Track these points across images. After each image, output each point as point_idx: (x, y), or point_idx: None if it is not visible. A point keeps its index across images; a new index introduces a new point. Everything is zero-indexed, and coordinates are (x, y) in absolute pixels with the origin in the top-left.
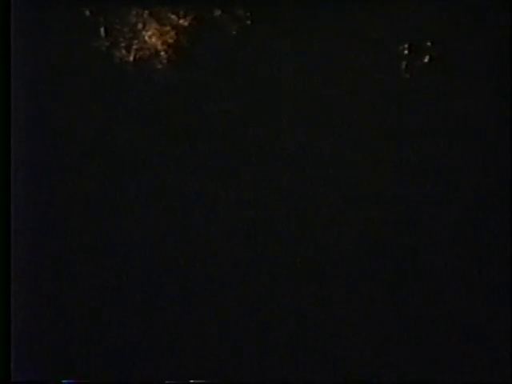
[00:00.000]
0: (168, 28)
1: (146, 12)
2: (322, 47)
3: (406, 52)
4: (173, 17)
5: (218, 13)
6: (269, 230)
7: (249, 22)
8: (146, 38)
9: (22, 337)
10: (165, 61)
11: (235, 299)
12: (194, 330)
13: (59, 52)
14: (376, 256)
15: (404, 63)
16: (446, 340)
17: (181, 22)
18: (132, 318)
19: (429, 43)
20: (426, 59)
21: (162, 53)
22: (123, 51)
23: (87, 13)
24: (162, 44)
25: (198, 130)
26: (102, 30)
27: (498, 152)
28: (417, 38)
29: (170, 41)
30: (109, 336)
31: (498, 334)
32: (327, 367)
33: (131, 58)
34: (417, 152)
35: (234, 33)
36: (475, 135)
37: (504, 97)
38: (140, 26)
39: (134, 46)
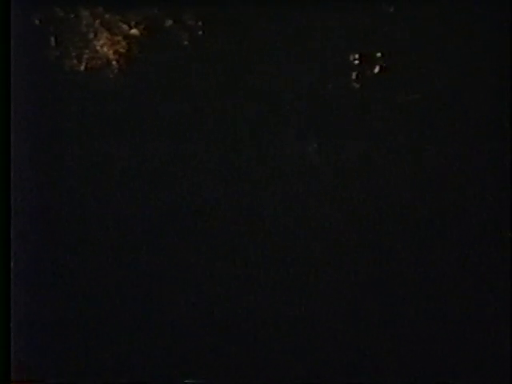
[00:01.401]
0: (119, 37)
1: (98, 21)
2: (272, 57)
3: (356, 62)
4: (124, 26)
5: (169, 23)
6: (253, 240)
7: (200, 33)
8: (98, 47)
9: (21, 337)
10: (116, 70)
11: (233, 300)
12: (194, 332)
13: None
14: (376, 257)
15: (354, 73)
16: (446, 340)
17: (132, 31)
18: (132, 318)
19: (379, 54)
20: (377, 69)
21: (114, 62)
22: (74, 60)
23: (37, 22)
24: (114, 53)
25: (150, 139)
26: (53, 39)
27: (451, 158)
28: (367, 48)
29: (122, 50)
30: (109, 337)
31: (498, 334)
32: (327, 368)
33: (82, 68)
34: (367, 161)
35: (186, 43)
36: (426, 145)
37: (453, 106)
38: (91, 35)
39: (85, 56)
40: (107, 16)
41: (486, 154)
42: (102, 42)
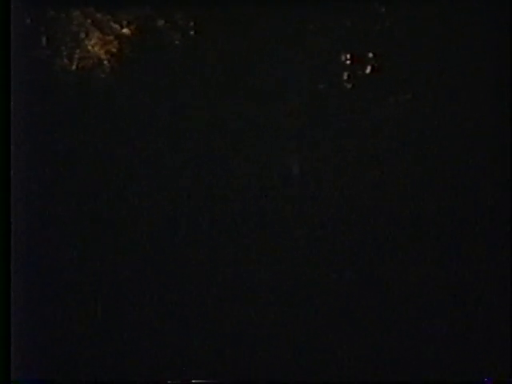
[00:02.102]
0: (111, 37)
1: (89, 21)
2: (264, 57)
3: (348, 62)
4: (115, 26)
5: (161, 22)
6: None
7: (192, 33)
8: (89, 47)
9: (21, 337)
10: (108, 70)
11: (232, 300)
12: (195, 335)
13: None
14: (375, 257)
15: (346, 73)
16: (446, 339)
17: (124, 31)
18: (132, 318)
19: (371, 54)
20: (368, 70)
21: (105, 62)
22: (65, 60)
23: (28, 21)
24: (105, 53)
25: (141, 139)
26: (44, 38)
27: (438, 160)
28: (359, 48)
29: (113, 50)
30: (109, 336)
31: (497, 333)
32: (326, 367)
33: (74, 67)
34: (359, 160)
35: (178, 43)
36: (418, 145)
37: (445, 106)
38: (83, 34)
39: (77, 55)
40: (99, 15)
41: (482, 155)
42: (93, 41)
